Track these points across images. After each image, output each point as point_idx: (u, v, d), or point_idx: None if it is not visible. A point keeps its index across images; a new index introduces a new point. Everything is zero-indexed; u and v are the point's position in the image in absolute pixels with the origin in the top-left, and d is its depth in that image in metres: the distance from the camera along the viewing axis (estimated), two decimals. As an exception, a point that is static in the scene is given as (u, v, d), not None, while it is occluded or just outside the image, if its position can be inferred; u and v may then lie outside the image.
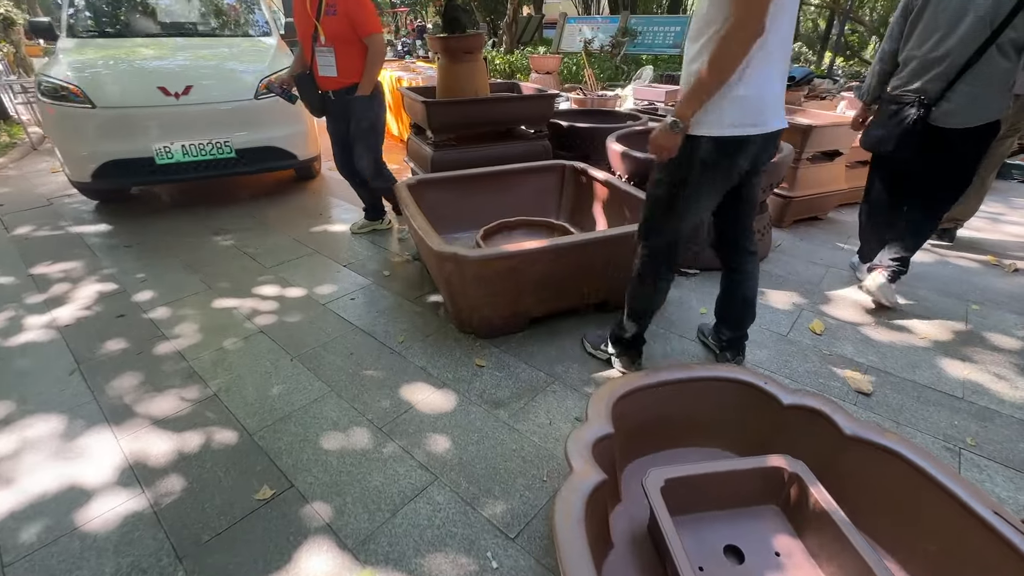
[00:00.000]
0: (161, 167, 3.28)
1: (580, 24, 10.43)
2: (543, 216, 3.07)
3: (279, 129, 3.59)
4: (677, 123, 1.43)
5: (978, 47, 1.98)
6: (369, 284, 2.61)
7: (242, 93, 3.43)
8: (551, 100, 3.35)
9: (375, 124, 2.78)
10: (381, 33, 2.59)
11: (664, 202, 1.61)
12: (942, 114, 2.04)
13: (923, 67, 2.09)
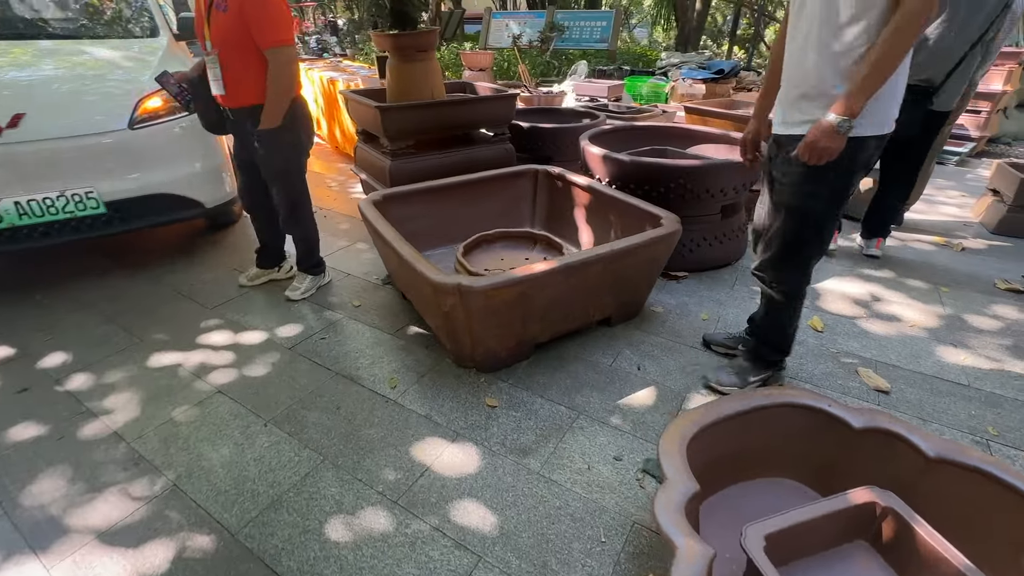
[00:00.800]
0: (-19, 236, 2.23)
1: (506, 19, 10.27)
2: (517, 225, 2.88)
3: (173, 167, 2.56)
4: (847, 123, 1.28)
5: (972, 43, 2.19)
6: (339, 318, 2.28)
7: (109, 120, 2.38)
8: (513, 101, 3.15)
9: (288, 166, 2.19)
10: (291, 46, 1.96)
11: (822, 217, 1.48)
12: (938, 99, 2.31)
13: (931, 58, 2.25)
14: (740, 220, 2.73)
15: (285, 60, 1.97)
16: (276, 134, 2.08)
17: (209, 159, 2.73)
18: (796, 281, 1.63)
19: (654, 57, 10.56)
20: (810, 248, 1.56)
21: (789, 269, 1.60)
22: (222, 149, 2.82)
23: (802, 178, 1.44)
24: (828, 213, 1.48)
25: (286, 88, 2.02)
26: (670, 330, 2.18)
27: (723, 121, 3.23)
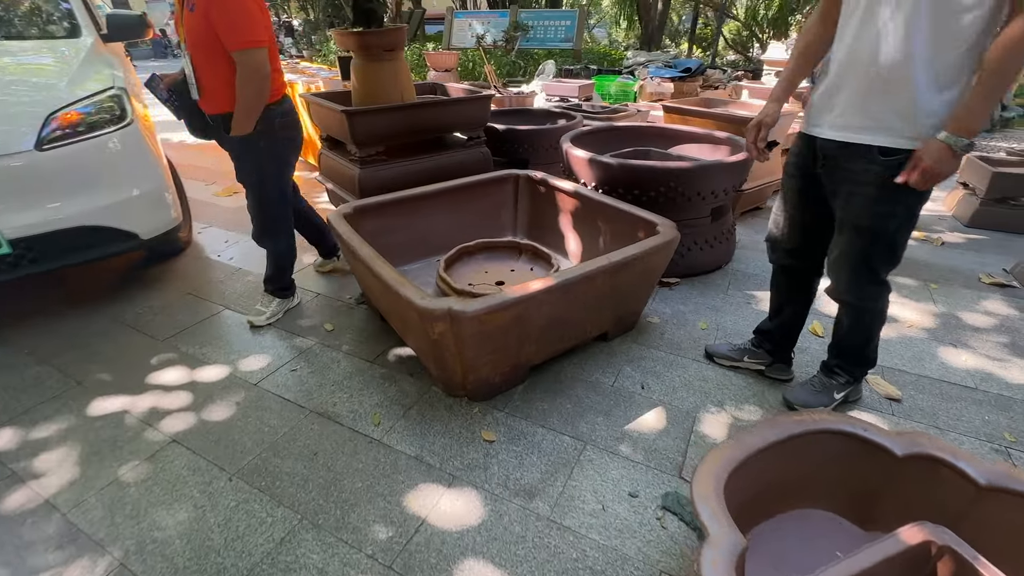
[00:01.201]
0: None
1: (469, 19, 10.08)
2: (498, 233, 2.72)
3: (98, 194, 2.11)
4: (965, 143, 1.14)
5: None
6: (311, 346, 2.06)
7: (11, 140, 1.96)
8: (488, 102, 2.98)
9: (261, 177, 2.00)
10: (260, 48, 1.75)
11: (897, 235, 1.37)
12: None
13: None
14: (729, 222, 2.65)
15: (252, 64, 1.75)
16: (247, 142, 1.91)
17: (145, 181, 2.30)
18: (881, 294, 1.51)
19: (618, 56, 10.59)
20: (886, 264, 1.44)
21: (871, 287, 1.48)
22: (162, 168, 2.43)
23: (875, 198, 1.30)
24: (905, 229, 1.36)
25: (254, 94, 1.80)
26: (669, 342, 2.06)
27: (703, 120, 3.16)
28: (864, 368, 1.67)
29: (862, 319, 1.56)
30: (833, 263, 1.50)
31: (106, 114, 2.16)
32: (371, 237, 2.31)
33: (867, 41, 1.24)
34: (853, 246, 1.41)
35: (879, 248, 1.39)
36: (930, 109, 1.20)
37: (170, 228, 2.44)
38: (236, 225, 3.24)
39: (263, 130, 1.89)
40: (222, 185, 4.00)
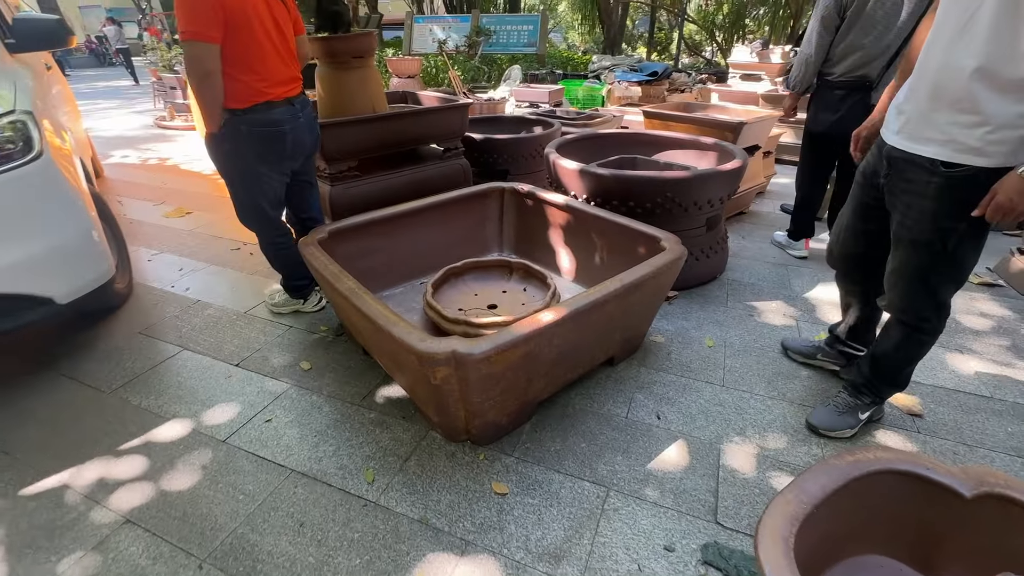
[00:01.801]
0: None
1: (430, 24, 9.87)
2: (483, 250, 2.56)
3: None
4: None
5: (906, 36, 2.20)
6: (287, 389, 1.83)
7: None
8: (466, 111, 2.81)
9: (230, 179, 1.93)
10: (196, 42, 1.58)
11: (960, 252, 1.27)
12: (878, 94, 2.22)
13: (867, 57, 2.31)
14: (722, 231, 2.57)
15: (188, 56, 1.63)
16: (211, 142, 1.82)
17: (60, 229, 1.79)
18: (939, 316, 1.40)
19: (581, 60, 10.60)
20: (948, 283, 1.34)
21: (929, 305, 1.38)
22: (85, 208, 1.92)
23: (934, 211, 1.23)
24: (968, 247, 1.27)
25: (195, 88, 1.67)
26: (678, 364, 1.94)
27: (685, 125, 3.09)
28: (894, 390, 1.59)
29: (911, 340, 1.45)
30: (888, 277, 1.42)
31: (3, 146, 1.70)
32: (348, 261, 2.11)
33: (938, 48, 1.18)
34: (909, 262, 1.34)
35: (938, 265, 1.30)
36: (999, 122, 1.11)
37: (100, 284, 1.95)
38: (191, 250, 2.94)
39: (228, 135, 1.79)
40: (173, 205, 3.67)
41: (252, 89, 1.74)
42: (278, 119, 1.83)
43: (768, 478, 1.45)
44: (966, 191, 1.19)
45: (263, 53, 1.73)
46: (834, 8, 2.24)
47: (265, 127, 1.81)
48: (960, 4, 1.14)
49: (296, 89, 1.92)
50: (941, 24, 1.19)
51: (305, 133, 1.96)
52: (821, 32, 2.31)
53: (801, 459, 1.52)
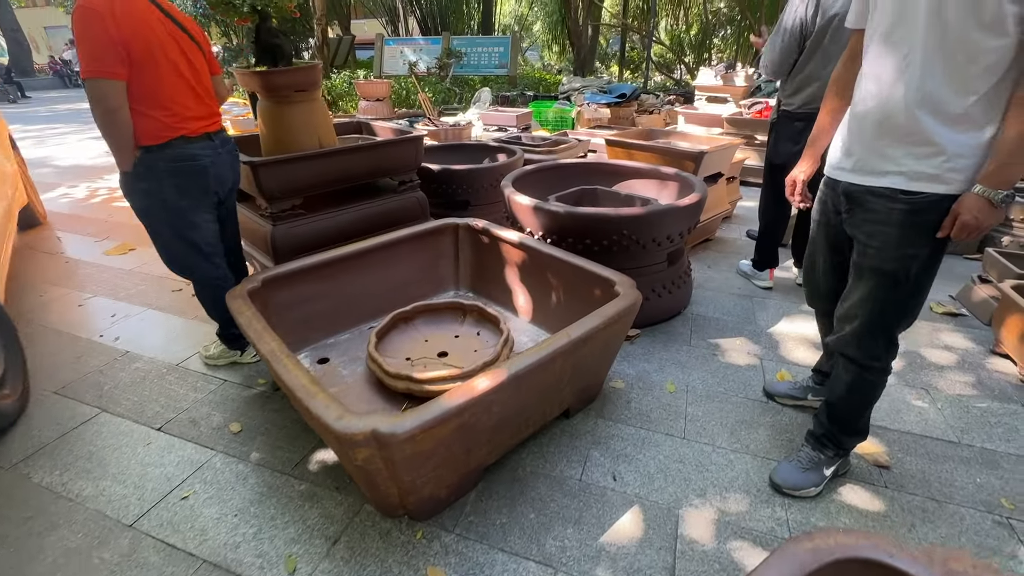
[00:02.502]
0: None
1: (400, 46, 9.84)
2: (439, 288, 2.44)
3: None
4: (1002, 195, 1.08)
5: None
6: (211, 458, 1.67)
7: None
8: (419, 143, 2.71)
9: (147, 221, 1.84)
10: (101, 79, 1.53)
11: (922, 280, 1.26)
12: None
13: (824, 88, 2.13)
14: (684, 264, 2.50)
15: (90, 95, 1.57)
16: (127, 182, 1.76)
17: None
18: (889, 354, 1.36)
19: (553, 80, 10.68)
20: (906, 315, 1.31)
21: (881, 342, 1.35)
22: None
23: (899, 238, 1.22)
24: (928, 274, 1.26)
25: (100, 126, 1.62)
26: (638, 413, 1.83)
27: (647, 154, 3.04)
28: (856, 439, 1.51)
29: (863, 381, 1.40)
30: (845, 312, 1.37)
31: None
32: (286, 310, 1.98)
33: (879, 87, 1.18)
34: (871, 294, 1.30)
35: (900, 295, 1.27)
36: (953, 152, 1.12)
37: None
38: (128, 292, 2.75)
39: (144, 173, 1.72)
40: (116, 241, 3.47)
41: (165, 125, 1.69)
42: (197, 153, 1.77)
43: (729, 550, 1.34)
44: (929, 215, 1.18)
45: (174, 89, 1.70)
46: (797, 32, 2.19)
47: (184, 161, 1.75)
48: (896, 44, 1.15)
49: (215, 125, 1.87)
50: (878, 63, 1.20)
51: (227, 168, 1.92)
52: (778, 64, 2.28)
53: (764, 524, 1.41)
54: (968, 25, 1.03)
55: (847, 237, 1.38)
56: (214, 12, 2.14)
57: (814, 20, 2.14)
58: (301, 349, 2.02)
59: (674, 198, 2.67)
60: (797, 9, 2.17)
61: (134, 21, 1.56)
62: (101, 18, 1.49)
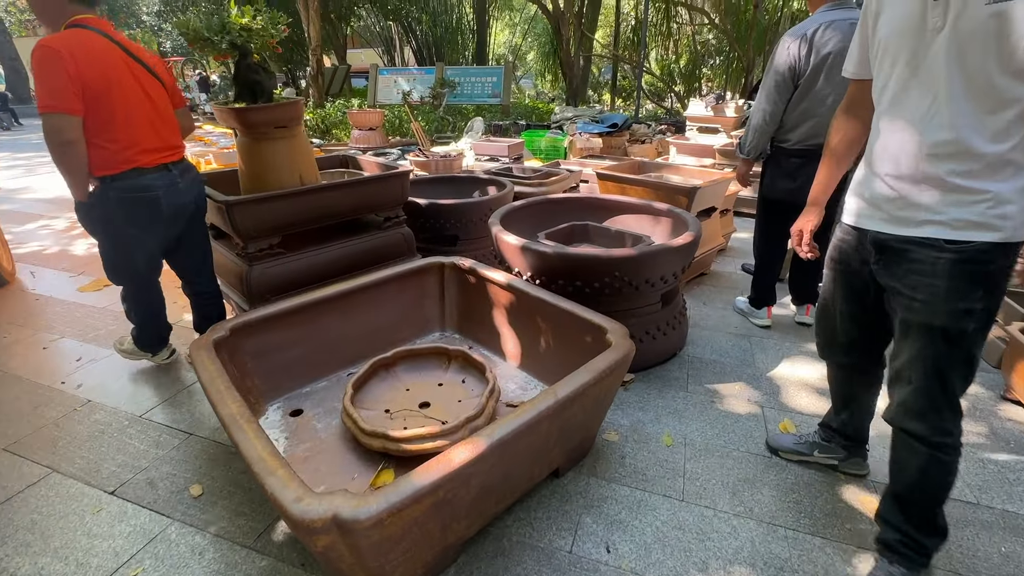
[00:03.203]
0: None
1: (394, 76, 9.95)
2: (424, 329, 2.33)
3: None
4: None
5: None
6: (166, 527, 1.52)
7: None
8: (405, 179, 2.64)
9: (100, 238, 1.95)
10: (57, 114, 1.62)
11: (977, 338, 1.13)
12: None
13: (822, 125, 2.19)
14: (680, 304, 2.41)
15: (45, 128, 1.65)
16: (81, 209, 1.86)
17: None
18: (957, 426, 1.20)
19: (546, 110, 10.80)
20: (963, 379, 1.18)
21: (947, 412, 1.18)
22: None
23: (948, 290, 1.09)
24: (983, 333, 1.13)
25: (55, 159, 1.69)
26: (633, 471, 1.71)
27: (639, 188, 2.99)
28: (938, 540, 1.28)
29: (937, 463, 1.20)
30: (896, 372, 1.22)
31: None
32: (258, 358, 1.86)
33: (906, 136, 1.10)
34: (923, 351, 1.15)
35: (955, 355, 1.13)
36: (998, 198, 1.04)
37: None
38: (97, 333, 2.62)
39: (97, 202, 1.82)
40: (92, 276, 3.35)
41: (119, 156, 1.77)
42: (149, 184, 1.85)
43: (735, 639, 1.20)
44: (980, 264, 1.07)
45: (129, 122, 1.77)
46: (788, 75, 2.16)
47: (136, 192, 1.83)
48: (917, 96, 1.08)
49: (175, 156, 1.94)
50: (899, 116, 1.12)
51: (184, 197, 1.97)
52: (775, 99, 2.22)
53: (773, 605, 1.28)
54: (992, 72, 0.97)
55: (875, 287, 1.27)
56: (192, 48, 2.08)
57: (807, 59, 2.10)
58: (274, 399, 1.90)
59: (667, 234, 2.60)
60: (789, 48, 2.14)
61: (91, 59, 1.64)
62: (59, 56, 1.56)
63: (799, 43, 2.11)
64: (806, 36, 2.10)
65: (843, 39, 2.05)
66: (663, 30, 12.33)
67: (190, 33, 2.00)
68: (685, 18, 12.20)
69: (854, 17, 2.07)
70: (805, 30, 2.12)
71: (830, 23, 2.08)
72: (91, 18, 1.75)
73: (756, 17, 8.98)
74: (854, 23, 2.06)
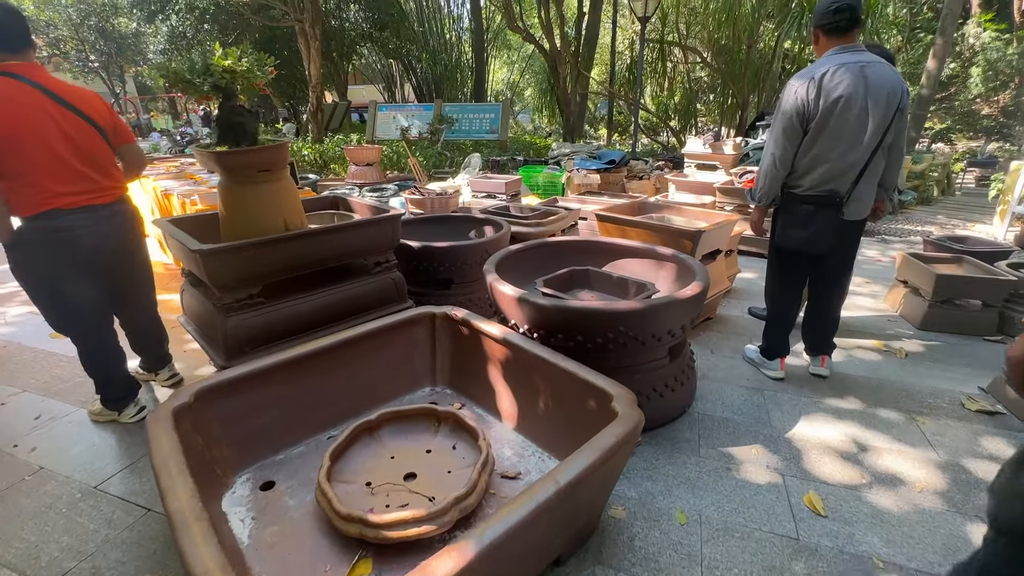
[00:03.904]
0: None
1: (393, 112, 10.05)
2: (414, 387, 2.17)
3: None
4: None
5: (872, 150, 2.06)
6: (104, 634, 1.31)
7: None
8: (396, 222, 2.52)
9: (31, 287, 1.95)
10: None
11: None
12: (850, 210, 2.13)
13: (834, 171, 2.11)
14: (688, 357, 2.25)
15: None
16: (6, 252, 1.88)
17: None
18: None
19: (543, 145, 10.89)
20: None
21: None
22: None
23: None
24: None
25: None
26: (644, 557, 1.51)
27: (640, 231, 2.87)
28: None
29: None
30: None
31: None
32: (227, 425, 1.69)
33: None
34: None
35: None
36: None
37: None
38: (61, 386, 2.44)
39: (16, 242, 1.86)
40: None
41: (37, 198, 1.80)
42: (68, 224, 1.85)
43: None
44: None
45: (46, 168, 1.79)
46: (797, 120, 2.07)
47: (55, 232, 1.85)
48: None
49: (104, 197, 1.95)
50: None
51: (110, 238, 1.98)
52: (784, 144, 2.12)
53: None
54: None
55: None
56: (173, 89, 1.99)
57: (816, 103, 2.02)
58: (243, 470, 1.71)
59: (672, 280, 2.47)
60: (797, 92, 2.05)
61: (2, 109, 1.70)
62: None
63: (807, 86, 2.03)
64: (815, 79, 2.02)
65: (854, 82, 1.97)
66: (658, 68, 12.59)
67: (170, 75, 1.91)
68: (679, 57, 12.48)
69: (864, 60, 1.99)
70: (814, 73, 2.04)
71: (840, 65, 2.00)
72: (14, 64, 1.77)
73: (749, 57, 9.16)
74: (864, 66, 1.99)
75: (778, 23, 8.15)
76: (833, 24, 2.04)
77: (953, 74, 12.12)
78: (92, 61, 21.03)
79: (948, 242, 3.71)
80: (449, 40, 14.61)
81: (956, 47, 11.19)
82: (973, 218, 6.23)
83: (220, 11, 11.71)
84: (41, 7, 18.20)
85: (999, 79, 11.46)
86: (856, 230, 2.25)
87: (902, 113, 2.04)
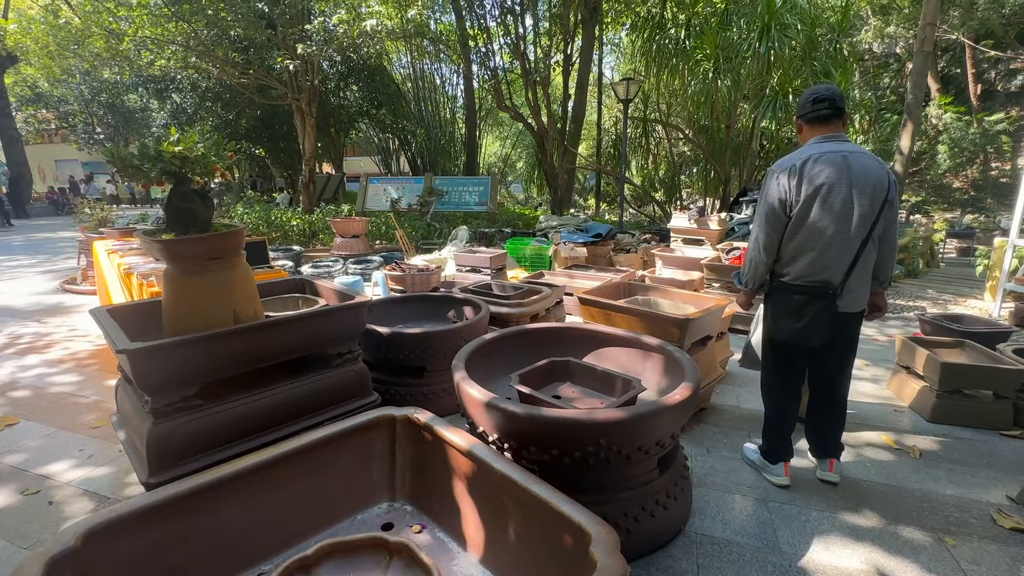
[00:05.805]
0: None
1: (384, 184, 10.24)
2: (369, 502, 1.88)
3: None
4: None
5: (862, 240, 1.95)
6: None
7: None
8: (362, 311, 2.33)
9: None
10: None
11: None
12: (844, 302, 2.02)
13: (823, 261, 1.99)
14: (681, 466, 1.99)
15: None
16: None
17: None
18: None
19: (532, 216, 11.05)
20: None
21: None
22: None
23: None
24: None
25: None
26: None
27: (626, 317, 2.70)
28: None
29: None
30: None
31: None
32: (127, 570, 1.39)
33: None
34: None
35: None
36: None
37: None
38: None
39: None
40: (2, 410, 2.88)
41: None
42: None
43: None
44: None
45: None
46: (780, 207, 1.99)
47: None
48: None
49: None
50: None
51: None
52: (767, 230, 2.03)
53: None
54: None
55: None
56: (121, 175, 1.86)
57: (798, 191, 1.94)
58: (144, 626, 1.39)
59: (660, 374, 2.26)
60: (779, 180, 1.98)
61: None
62: None
63: (787, 175, 1.96)
64: (795, 167, 1.96)
65: (836, 171, 1.91)
66: (642, 144, 13.12)
67: (117, 160, 1.79)
68: (662, 134, 13.06)
69: (847, 149, 1.93)
70: (794, 161, 1.97)
71: (821, 155, 1.94)
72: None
73: (729, 135, 9.55)
74: (846, 155, 1.92)
75: (754, 105, 8.55)
76: (814, 113, 2.02)
77: (922, 150, 12.72)
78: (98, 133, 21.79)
79: (945, 322, 3.57)
80: (444, 117, 15.29)
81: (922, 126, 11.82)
82: (963, 292, 6.18)
83: (224, 90, 12.22)
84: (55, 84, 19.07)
85: (964, 155, 12.02)
86: (854, 322, 2.10)
87: (891, 205, 1.96)
